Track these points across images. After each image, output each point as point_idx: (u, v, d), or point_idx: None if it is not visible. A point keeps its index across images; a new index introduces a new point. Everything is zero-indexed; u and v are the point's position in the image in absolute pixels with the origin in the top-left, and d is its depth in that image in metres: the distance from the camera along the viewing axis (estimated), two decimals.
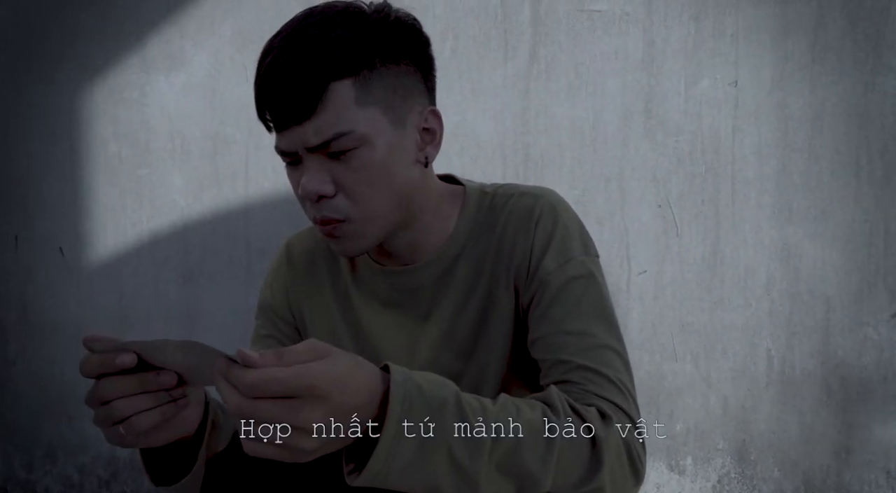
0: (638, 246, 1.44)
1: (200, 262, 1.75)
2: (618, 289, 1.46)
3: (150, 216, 1.79)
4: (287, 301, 0.95)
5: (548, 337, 0.79)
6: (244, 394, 0.53)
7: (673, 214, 1.42)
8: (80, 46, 1.82)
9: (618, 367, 0.78)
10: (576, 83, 1.46)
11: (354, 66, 0.71)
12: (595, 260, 0.85)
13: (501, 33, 1.49)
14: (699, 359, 1.43)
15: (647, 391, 1.46)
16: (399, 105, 0.75)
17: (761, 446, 1.43)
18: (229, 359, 0.54)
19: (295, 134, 0.71)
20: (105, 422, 0.63)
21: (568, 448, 0.66)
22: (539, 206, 0.84)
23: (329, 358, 0.56)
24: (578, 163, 1.47)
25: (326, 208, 0.74)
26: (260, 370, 0.53)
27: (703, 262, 1.41)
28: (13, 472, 2.02)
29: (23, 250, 1.94)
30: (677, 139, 1.40)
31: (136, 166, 1.80)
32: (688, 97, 1.40)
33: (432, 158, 0.81)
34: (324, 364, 0.55)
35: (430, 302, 0.87)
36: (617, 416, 0.73)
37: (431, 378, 0.64)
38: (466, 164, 1.53)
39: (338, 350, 0.58)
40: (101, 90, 1.82)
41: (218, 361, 0.54)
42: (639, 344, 1.46)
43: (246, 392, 0.53)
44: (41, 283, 1.92)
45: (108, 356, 0.60)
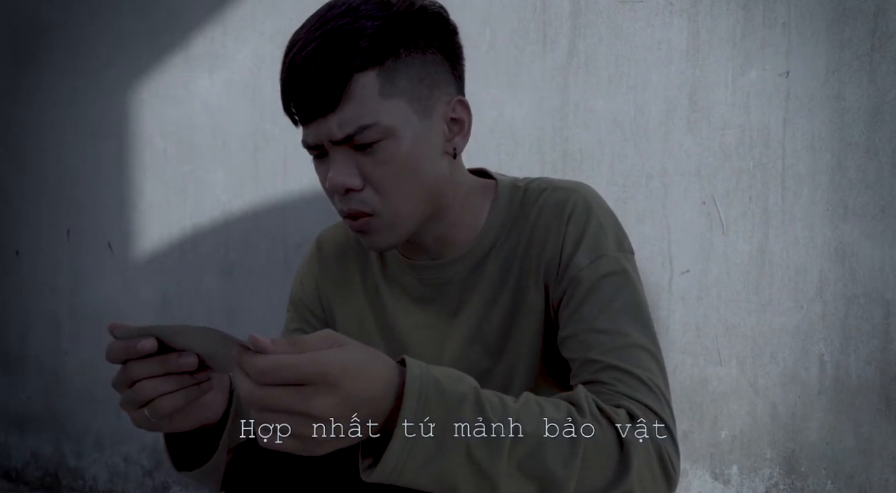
0: (681, 245, 1.39)
1: (240, 256, 1.78)
2: (659, 289, 1.41)
3: (193, 212, 1.83)
4: (317, 295, 0.96)
5: (578, 335, 0.77)
6: (255, 381, 0.52)
7: (718, 211, 1.36)
8: (128, 47, 1.88)
9: (651, 368, 0.75)
10: (616, 76, 1.41)
11: (378, 56, 0.70)
12: (630, 257, 0.82)
13: (540, 26, 1.46)
14: (745, 363, 1.36)
15: (689, 396, 1.41)
16: (425, 95, 0.74)
17: (813, 456, 1.35)
18: (243, 346, 0.54)
19: (320, 127, 0.71)
20: (131, 405, 0.64)
21: (594, 450, 0.64)
22: (572, 200, 0.82)
23: (343, 347, 0.55)
24: (619, 158, 1.42)
25: (354, 202, 0.73)
26: (271, 356, 0.52)
27: (750, 261, 1.34)
28: (64, 460, 2.09)
29: (74, 244, 2.01)
30: (723, 133, 1.34)
31: (181, 163, 1.84)
32: (735, 89, 1.34)
33: (461, 150, 0.80)
34: (337, 352, 0.54)
35: (460, 298, 0.85)
36: (648, 418, 0.70)
37: (450, 373, 0.62)
38: (503, 159, 1.51)
39: (352, 341, 0.57)
40: (147, 89, 1.87)
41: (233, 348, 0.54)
42: (681, 347, 1.41)
43: (257, 378, 0.52)
44: (91, 276, 1.99)
45: (130, 342, 0.61)
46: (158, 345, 0.61)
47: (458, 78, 0.80)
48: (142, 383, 0.62)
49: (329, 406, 0.52)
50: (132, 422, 0.66)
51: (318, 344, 0.54)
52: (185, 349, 0.62)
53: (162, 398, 0.63)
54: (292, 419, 0.53)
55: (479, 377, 0.85)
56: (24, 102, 2.05)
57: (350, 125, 0.69)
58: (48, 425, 2.08)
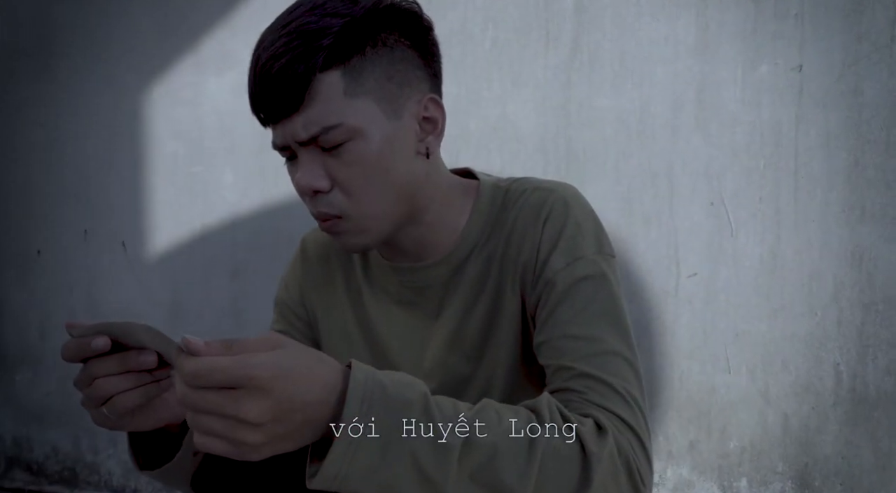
0: (688, 247, 1.34)
1: (247, 257, 1.79)
2: (665, 293, 1.36)
3: (202, 213, 1.85)
4: (300, 297, 0.95)
5: (552, 341, 0.74)
6: (187, 383, 0.51)
7: (727, 212, 1.30)
8: (140, 50, 1.91)
9: (626, 376, 0.72)
10: (621, 73, 1.37)
11: (342, 55, 0.67)
12: (609, 260, 0.79)
13: (543, 22, 1.43)
14: (756, 372, 1.31)
15: (696, 404, 1.35)
16: (395, 94, 0.71)
17: (827, 471, 1.28)
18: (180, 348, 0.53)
19: (285, 128, 0.69)
20: (90, 403, 0.63)
21: (553, 461, 0.61)
22: (550, 201, 0.79)
23: (278, 350, 0.53)
24: (624, 157, 1.38)
25: (322, 204, 0.71)
26: (202, 359, 0.51)
27: (761, 265, 1.29)
28: (81, 455, 2.14)
29: (91, 244, 2.05)
30: (733, 131, 1.29)
31: (191, 164, 1.86)
32: (745, 85, 1.28)
33: (434, 149, 0.77)
34: (270, 355, 0.52)
35: (440, 301, 0.83)
36: (618, 429, 0.66)
37: (398, 378, 0.60)
38: (506, 159, 1.48)
39: (294, 343, 0.55)
40: (159, 91, 1.89)
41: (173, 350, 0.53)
42: (688, 353, 1.35)
43: (188, 381, 0.51)
44: (106, 275, 2.03)
45: (84, 340, 0.61)
46: (114, 343, 0.61)
47: (432, 76, 0.77)
48: (99, 380, 0.62)
49: (259, 410, 0.51)
50: (93, 420, 0.66)
51: (256, 346, 0.53)
52: (140, 347, 0.61)
53: (120, 396, 0.62)
54: (223, 422, 0.51)
55: (460, 383, 0.83)
56: (43, 105, 2.10)
57: (314, 126, 0.67)
58: (67, 420, 2.13)
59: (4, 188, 2.20)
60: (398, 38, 0.72)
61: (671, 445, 1.38)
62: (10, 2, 2.13)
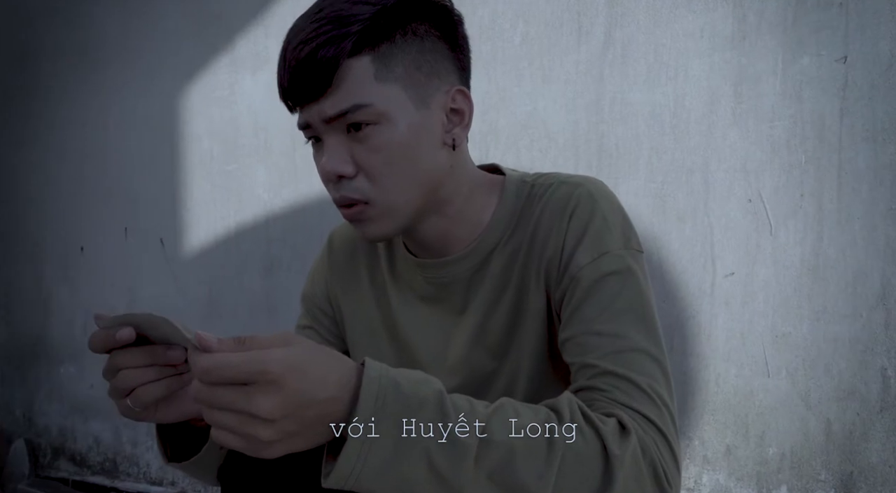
0: (724, 245, 1.29)
1: (280, 254, 1.81)
2: (701, 292, 1.32)
3: (236, 210, 1.87)
4: (326, 292, 0.95)
5: (576, 338, 0.73)
6: (200, 379, 0.51)
7: (766, 209, 1.25)
8: (178, 52, 1.94)
9: (652, 374, 0.70)
10: (655, 66, 1.33)
11: (372, 40, 0.68)
12: (637, 255, 0.77)
13: (574, 16, 1.40)
14: (796, 375, 1.25)
15: (734, 408, 1.31)
16: (423, 83, 0.72)
17: (874, 480, 1.23)
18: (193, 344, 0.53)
19: (312, 109, 0.70)
20: (115, 394, 0.65)
21: (573, 462, 0.60)
22: (576, 195, 0.78)
23: (290, 346, 0.53)
24: (657, 154, 1.34)
25: (346, 188, 0.72)
26: (214, 355, 0.51)
27: (801, 264, 1.23)
28: (122, 447, 2.19)
29: (131, 241, 2.10)
30: (772, 125, 1.24)
31: (226, 162, 1.89)
32: (785, 77, 1.23)
33: (460, 141, 0.77)
34: (281, 351, 0.52)
35: (465, 296, 0.83)
36: (643, 429, 0.65)
37: (413, 376, 0.59)
38: (536, 156, 1.45)
39: (306, 340, 0.55)
40: (196, 90, 1.93)
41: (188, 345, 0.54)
42: (724, 355, 1.31)
43: (201, 377, 0.51)
44: (145, 271, 2.07)
45: (110, 331, 0.62)
46: (138, 335, 0.61)
47: (461, 69, 0.77)
48: (124, 372, 0.63)
49: (271, 406, 0.51)
50: (118, 411, 0.67)
51: (268, 343, 0.53)
52: (159, 339, 0.61)
53: (142, 388, 0.63)
54: (236, 417, 0.52)
55: (484, 379, 0.82)
56: (86, 106, 2.16)
57: (344, 103, 0.68)
58: (108, 413, 2.19)
59: (50, 186, 2.28)
60: (428, 28, 0.72)
61: (707, 449, 1.34)
62: (54, 6, 2.20)
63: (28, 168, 2.33)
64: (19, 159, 2.36)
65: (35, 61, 2.26)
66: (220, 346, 0.52)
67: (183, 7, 1.93)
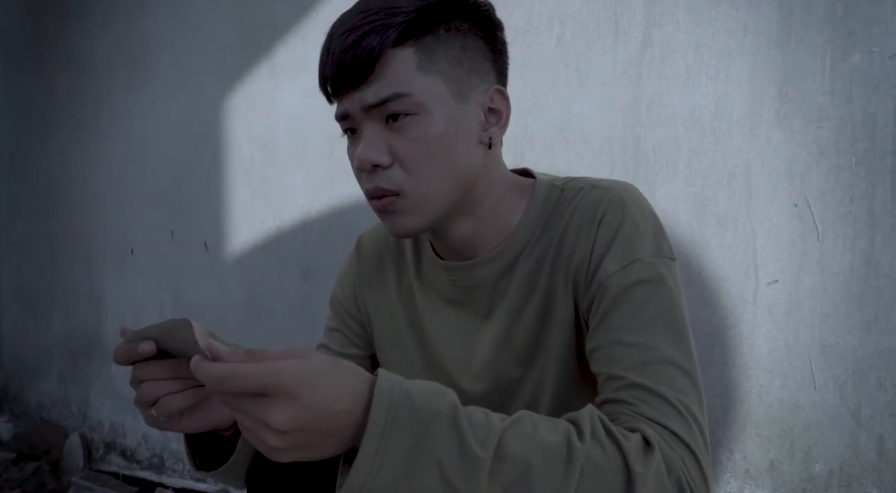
0: (768, 252, 1.24)
1: (317, 258, 1.83)
2: (742, 301, 1.27)
3: (275, 214, 1.90)
4: (354, 296, 0.96)
5: (604, 348, 0.71)
6: (214, 389, 0.52)
7: (812, 214, 1.20)
8: (221, 60, 1.99)
9: (682, 387, 0.67)
10: (695, 67, 1.29)
11: (416, 31, 0.69)
12: (669, 263, 0.74)
13: (611, 16, 1.37)
14: (845, 389, 1.19)
15: (778, 422, 1.25)
16: (463, 79, 0.72)
17: None
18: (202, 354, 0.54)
19: (353, 97, 0.70)
20: (141, 404, 0.66)
21: (593, 479, 0.58)
22: (606, 200, 0.76)
23: (305, 358, 0.53)
24: (697, 157, 1.30)
25: (380, 178, 0.72)
26: (225, 364, 0.52)
27: (851, 272, 1.17)
28: (168, 443, 2.26)
29: (177, 243, 2.16)
30: (819, 126, 1.18)
31: (265, 167, 1.92)
32: (835, 76, 1.17)
33: (496, 140, 0.77)
34: (296, 363, 0.53)
35: (491, 300, 0.82)
36: (669, 445, 0.62)
37: (427, 387, 0.58)
38: (572, 160, 1.43)
39: (318, 353, 0.55)
40: (238, 97, 1.97)
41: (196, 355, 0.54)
42: (768, 366, 1.26)
43: (213, 387, 0.52)
44: (190, 274, 2.13)
45: (132, 344, 0.63)
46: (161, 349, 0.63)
47: (500, 72, 0.78)
48: (146, 383, 0.65)
49: (285, 418, 0.51)
50: (144, 421, 0.68)
51: (280, 355, 0.53)
52: (179, 352, 0.63)
53: (166, 398, 0.64)
54: (251, 422, 0.52)
55: (510, 385, 0.81)
56: (136, 114, 2.24)
57: (385, 91, 0.68)
58: None
59: (103, 191, 2.37)
60: (471, 27, 0.73)
61: (749, 464, 1.29)
62: (110, 18, 2.28)
63: (82, 174, 2.43)
64: (74, 165, 2.46)
65: (90, 71, 2.35)
66: (232, 356, 0.53)
67: (227, 16, 1.97)
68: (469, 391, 0.84)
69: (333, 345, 0.96)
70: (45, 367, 2.63)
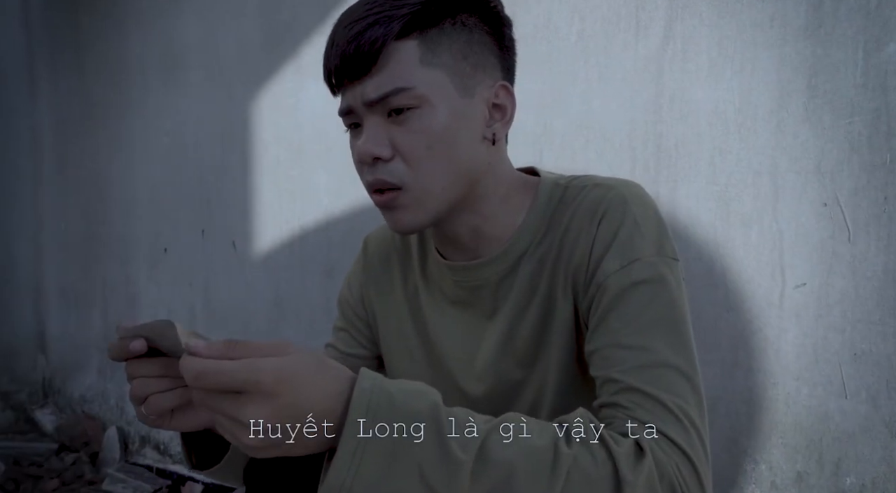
0: (795, 253, 1.18)
1: (340, 257, 1.83)
2: (768, 304, 1.21)
3: (300, 214, 1.92)
4: (360, 297, 0.97)
5: (602, 350, 0.69)
6: (192, 384, 0.52)
7: (843, 214, 1.14)
8: (250, 62, 2.02)
9: (680, 392, 0.65)
10: (719, 61, 1.24)
11: (420, 24, 0.69)
12: (672, 263, 0.72)
13: (633, 10, 1.33)
14: (879, 398, 1.13)
15: (806, 432, 1.20)
16: (468, 73, 0.71)
17: None
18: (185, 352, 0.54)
19: (355, 90, 0.70)
20: (132, 400, 0.67)
21: (580, 485, 0.56)
22: (607, 198, 0.74)
23: (286, 356, 0.53)
24: (720, 154, 1.25)
25: (382, 171, 0.71)
26: (204, 361, 0.52)
27: (885, 275, 1.11)
28: None
29: (208, 243, 2.20)
30: (850, 121, 1.12)
31: (290, 167, 1.94)
32: (868, 68, 1.11)
33: (500, 136, 0.76)
34: (275, 361, 0.52)
35: (494, 301, 0.81)
36: (663, 452, 0.60)
37: (408, 387, 0.58)
38: (591, 158, 1.39)
39: (302, 350, 0.55)
40: (264, 98, 2.00)
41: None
42: (795, 373, 1.20)
43: (191, 382, 0.52)
44: (219, 272, 2.17)
45: (124, 342, 0.64)
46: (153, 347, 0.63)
47: (505, 68, 0.77)
48: (137, 381, 0.65)
49: (261, 415, 0.51)
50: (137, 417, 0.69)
51: (261, 350, 0.53)
52: (169, 351, 0.63)
53: (154, 397, 0.65)
54: (227, 421, 0.52)
55: (512, 386, 0.80)
56: (168, 116, 2.30)
57: (387, 86, 0.68)
58: None
59: (138, 192, 2.44)
60: (478, 22, 0.72)
61: (775, 475, 1.23)
62: (143, 22, 2.35)
63: (118, 175, 2.51)
64: (111, 167, 2.54)
65: (125, 74, 2.42)
66: (209, 351, 0.53)
67: (253, 17, 2.00)
68: (471, 393, 0.83)
69: (340, 345, 0.96)
70: (85, 362, 2.73)
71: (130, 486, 2.25)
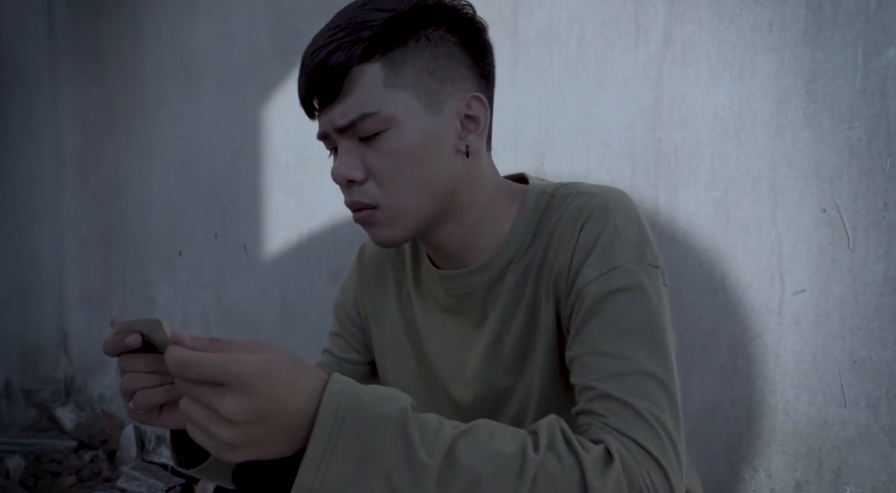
0: (794, 260, 1.17)
1: (346, 261, 1.86)
2: (767, 311, 1.20)
3: (307, 218, 1.95)
4: (355, 303, 0.98)
5: (580, 358, 0.70)
6: (176, 373, 0.53)
7: (843, 220, 1.13)
8: (261, 69, 2.06)
9: (655, 400, 0.65)
10: (718, 66, 1.24)
11: (383, 46, 0.69)
12: (651, 270, 0.72)
13: (632, 15, 1.33)
14: (879, 406, 1.11)
15: (804, 440, 1.18)
16: (435, 89, 0.72)
17: None
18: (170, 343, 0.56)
19: (326, 117, 0.71)
20: (122, 395, 0.69)
21: (546, 491, 0.57)
22: (589, 206, 0.74)
23: (266, 352, 0.54)
24: (720, 159, 1.24)
25: (357, 193, 0.73)
26: (189, 351, 0.53)
27: (885, 282, 1.10)
28: None
29: (220, 246, 2.24)
30: (850, 126, 1.11)
31: (298, 173, 1.97)
32: (867, 73, 1.10)
33: (475, 148, 0.76)
34: (257, 356, 0.54)
35: (483, 309, 0.82)
36: (634, 459, 0.60)
37: (379, 392, 0.59)
38: (591, 163, 1.39)
39: (284, 349, 0.56)
40: (275, 105, 2.03)
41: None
42: (794, 380, 1.19)
43: (174, 372, 0.53)
44: (231, 275, 2.21)
45: (119, 336, 0.66)
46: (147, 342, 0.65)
47: (481, 76, 0.77)
48: (128, 375, 0.67)
49: (237, 408, 0.52)
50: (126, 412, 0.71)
51: (243, 347, 0.54)
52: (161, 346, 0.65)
53: (142, 392, 0.66)
54: (203, 412, 0.53)
55: (500, 394, 0.80)
56: (183, 122, 2.34)
57: (352, 113, 0.69)
58: None
59: (154, 195, 2.49)
60: (444, 34, 0.72)
61: (774, 483, 1.22)
62: (160, 31, 2.40)
63: (135, 179, 2.56)
64: (129, 171, 2.60)
65: (142, 81, 2.48)
66: (194, 343, 0.54)
67: (265, 24, 2.04)
68: (460, 400, 0.84)
69: (335, 349, 0.98)
70: (105, 362, 2.79)
71: (145, 484, 2.30)
